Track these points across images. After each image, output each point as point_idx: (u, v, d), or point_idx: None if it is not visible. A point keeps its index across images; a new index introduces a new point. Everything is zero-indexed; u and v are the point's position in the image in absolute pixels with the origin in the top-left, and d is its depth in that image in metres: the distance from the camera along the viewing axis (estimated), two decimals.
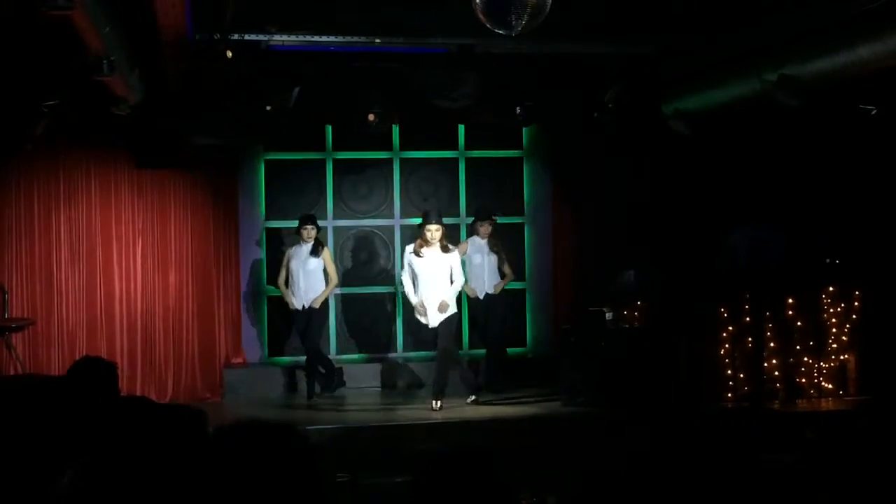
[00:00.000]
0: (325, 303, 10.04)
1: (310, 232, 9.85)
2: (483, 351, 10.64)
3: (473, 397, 9.38)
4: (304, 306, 9.82)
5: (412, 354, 11.02)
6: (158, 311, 10.29)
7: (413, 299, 9.24)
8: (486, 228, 10.28)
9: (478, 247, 10.32)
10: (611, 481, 1.33)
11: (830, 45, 7.61)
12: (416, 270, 9.17)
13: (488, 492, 2.34)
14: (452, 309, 9.17)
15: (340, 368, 10.00)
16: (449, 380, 9.28)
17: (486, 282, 10.28)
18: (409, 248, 9.31)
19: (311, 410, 9.51)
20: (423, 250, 9.13)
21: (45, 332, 9.98)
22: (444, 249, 9.13)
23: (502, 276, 10.38)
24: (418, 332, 10.46)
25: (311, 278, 9.80)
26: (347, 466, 7.70)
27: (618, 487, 1.30)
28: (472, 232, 10.57)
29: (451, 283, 9.15)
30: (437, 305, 9.07)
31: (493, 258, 10.28)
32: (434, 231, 9.09)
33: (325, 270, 9.88)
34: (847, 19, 7.37)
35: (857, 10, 7.20)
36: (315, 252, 9.81)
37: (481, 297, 10.30)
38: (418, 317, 9.31)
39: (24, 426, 3.10)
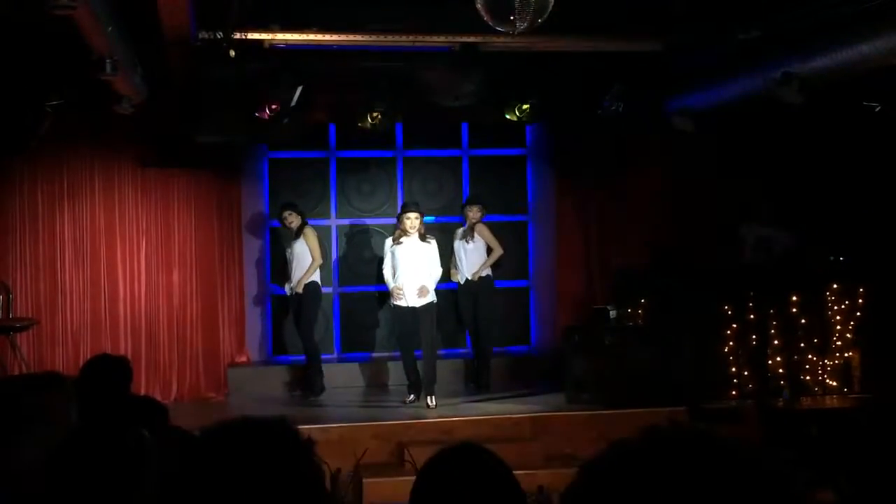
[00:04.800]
0: (316, 290, 9.93)
1: (288, 219, 9.94)
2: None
3: (412, 397, 9.36)
4: (292, 290, 9.91)
5: (418, 352, 11.03)
6: (162, 311, 10.30)
7: (390, 284, 9.32)
8: (473, 213, 10.25)
9: (459, 234, 10.32)
10: (613, 477, 1.32)
11: (834, 42, 7.60)
12: (396, 259, 9.24)
13: (495, 489, 2.34)
14: (431, 296, 9.22)
15: (322, 373, 9.98)
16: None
17: (464, 267, 10.24)
18: (389, 238, 9.42)
19: (313, 408, 9.52)
20: (403, 239, 9.20)
21: (49, 331, 9.99)
22: (423, 239, 9.20)
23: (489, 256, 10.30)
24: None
25: (299, 262, 9.87)
26: (351, 464, 7.72)
27: (621, 485, 1.29)
28: (463, 217, 10.48)
29: (430, 274, 9.22)
30: (415, 290, 9.14)
31: (471, 245, 10.20)
32: (413, 219, 9.16)
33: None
34: (850, 16, 7.35)
35: (861, 7, 7.19)
36: (299, 234, 9.88)
37: (462, 281, 10.27)
38: (396, 301, 9.32)
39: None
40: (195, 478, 1.55)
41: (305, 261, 9.83)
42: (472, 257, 10.22)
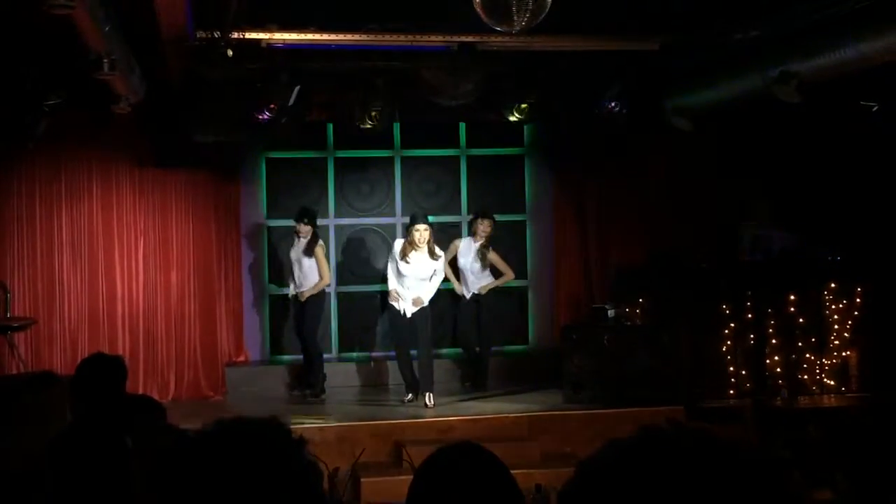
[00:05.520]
0: (320, 296, 9.97)
1: (300, 228, 9.87)
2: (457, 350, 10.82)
3: (410, 396, 9.40)
4: (296, 296, 9.92)
5: (413, 352, 11.01)
6: (160, 311, 10.29)
7: (391, 285, 9.41)
8: (484, 226, 10.26)
9: (468, 248, 10.30)
10: (611, 477, 1.32)
11: (832, 40, 7.61)
12: (401, 272, 9.30)
13: (493, 488, 2.33)
14: (425, 304, 9.35)
15: (325, 374, 9.98)
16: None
17: (471, 283, 10.27)
18: (398, 245, 9.40)
19: (311, 408, 9.52)
20: (411, 255, 9.21)
21: (47, 331, 9.99)
22: (432, 255, 9.23)
23: (497, 276, 10.33)
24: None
25: (306, 275, 9.86)
26: (349, 463, 7.72)
27: (617, 483, 1.29)
28: (471, 230, 10.52)
29: (431, 280, 9.35)
30: (411, 300, 9.26)
31: (479, 265, 10.23)
32: (423, 231, 9.16)
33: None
34: (848, 15, 7.36)
35: (859, 5, 7.20)
36: (308, 252, 9.81)
37: (467, 296, 10.30)
38: (392, 302, 9.42)
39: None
40: (189, 477, 1.55)
41: (312, 273, 9.82)
42: (480, 278, 10.26)
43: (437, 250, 9.33)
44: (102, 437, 2.22)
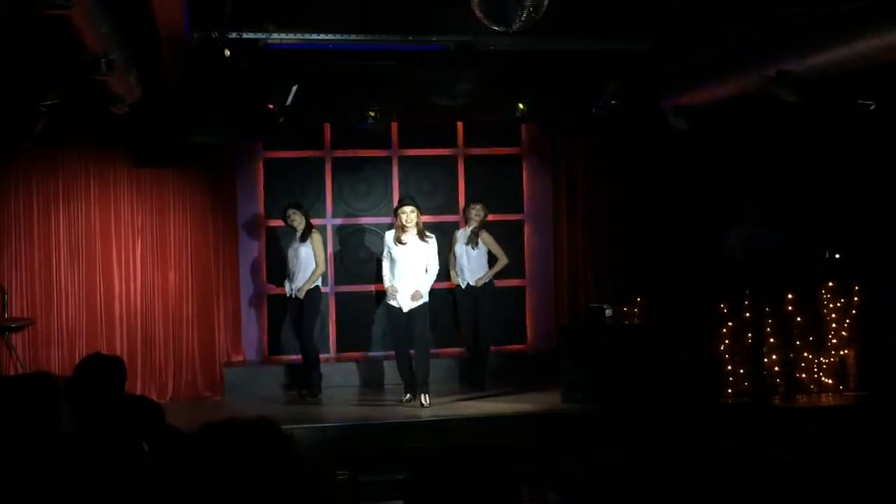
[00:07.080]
0: (317, 295, 9.96)
1: (292, 217, 9.88)
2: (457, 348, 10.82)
3: (409, 396, 9.40)
4: (293, 294, 9.86)
5: (411, 352, 11.00)
6: (158, 311, 10.29)
7: (387, 282, 9.34)
8: (476, 211, 10.27)
9: (462, 236, 10.38)
10: (612, 478, 1.32)
11: (829, 40, 7.61)
12: (394, 257, 9.27)
13: (491, 489, 2.33)
14: (424, 298, 9.26)
15: (321, 374, 9.99)
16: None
17: (466, 273, 10.28)
18: (390, 234, 9.41)
19: (310, 408, 9.52)
20: (404, 237, 9.22)
21: (44, 332, 9.98)
22: (422, 238, 9.21)
23: (492, 265, 10.34)
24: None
25: (303, 265, 9.82)
26: (347, 464, 7.71)
27: (619, 484, 1.30)
28: (464, 218, 10.59)
29: (426, 271, 9.26)
30: (409, 293, 9.18)
31: (475, 252, 10.25)
32: (409, 213, 9.17)
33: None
34: (845, 14, 7.36)
35: (856, 4, 7.20)
36: (303, 238, 9.82)
37: (463, 286, 10.31)
38: (390, 301, 9.38)
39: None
40: (182, 477, 1.56)
41: (309, 264, 9.80)
42: (476, 264, 10.25)
43: (428, 234, 9.33)
44: (117, 440, 2.22)
